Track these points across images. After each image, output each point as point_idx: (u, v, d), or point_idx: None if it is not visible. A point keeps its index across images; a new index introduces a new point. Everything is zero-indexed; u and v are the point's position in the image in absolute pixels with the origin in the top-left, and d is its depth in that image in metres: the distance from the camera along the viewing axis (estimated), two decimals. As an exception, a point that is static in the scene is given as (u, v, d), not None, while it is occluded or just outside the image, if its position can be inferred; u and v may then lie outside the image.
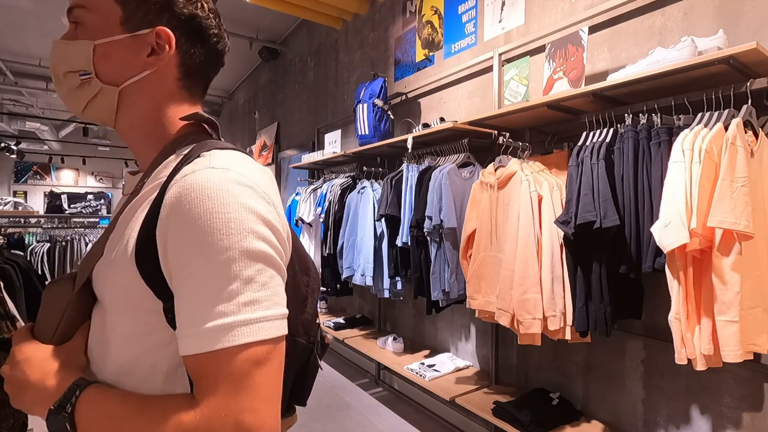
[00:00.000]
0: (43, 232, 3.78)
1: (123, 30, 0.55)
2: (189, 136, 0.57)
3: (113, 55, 0.55)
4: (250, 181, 0.49)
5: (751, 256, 1.20)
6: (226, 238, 0.45)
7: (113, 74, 0.56)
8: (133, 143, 0.61)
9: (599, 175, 1.47)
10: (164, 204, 0.47)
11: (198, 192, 0.45)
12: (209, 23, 0.60)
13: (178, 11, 0.57)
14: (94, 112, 0.58)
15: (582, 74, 1.73)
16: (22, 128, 7.97)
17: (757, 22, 1.44)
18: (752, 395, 1.45)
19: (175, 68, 0.58)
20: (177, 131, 0.59)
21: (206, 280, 0.45)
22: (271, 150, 5.62)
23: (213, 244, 0.44)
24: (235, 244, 0.45)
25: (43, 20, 4.87)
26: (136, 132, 0.60)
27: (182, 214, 0.45)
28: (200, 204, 0.45)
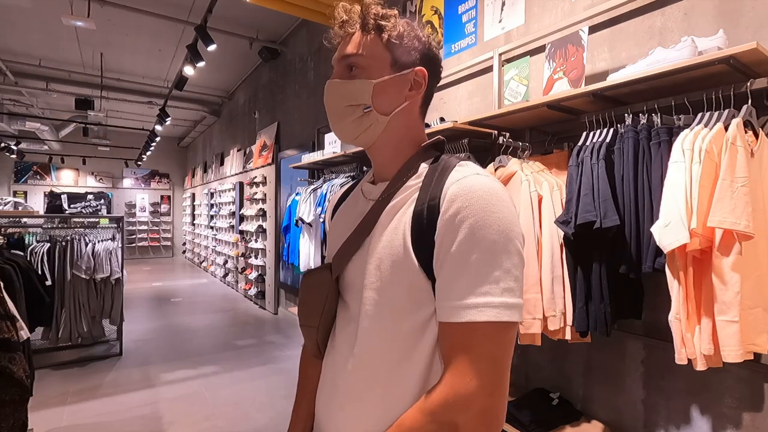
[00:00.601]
0: (43, 232, 3.78)
1: (392, 71, 0.69)
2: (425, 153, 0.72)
3: (386, 91, 0.69)
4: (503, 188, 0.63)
5: (751, 256, 1.20)
6: (502, 234, 0.57)
7: (385, 106, 0.70)
8: (381, 158, 0.74)
9: (599, 175, 1.47)
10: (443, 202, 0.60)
11: (479, 192, 0.59)
12: (440, 59, 0.76)
13: (429, 54, 0.72)
14: (366, 137, 0.72)
15: (582, 74, 1.74)
16: (22, 128, 7.97)
17: (757, 22, 1.44)
18: (752, 395, 1.45)
19: (421, 98, 0.73)
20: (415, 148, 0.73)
21: (481, 264, 0.57)
22: (271, 150, 5.62)
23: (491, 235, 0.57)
24: (507, 239, 0.58)
25: (43, 20, 4.87)
26: (388, 150, 0.73)
27: (466, 210, 0.58)
28: (481, 201, 0.58)
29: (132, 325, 4.72)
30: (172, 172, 12.44)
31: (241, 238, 6.75)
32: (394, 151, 0.72)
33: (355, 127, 0.70)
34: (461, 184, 0.60)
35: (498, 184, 0.61)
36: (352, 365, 0.67)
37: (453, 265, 0.58)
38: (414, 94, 0.71)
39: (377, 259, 0.65)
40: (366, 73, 0.68)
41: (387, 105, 0.69)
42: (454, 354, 0.58)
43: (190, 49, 3.91)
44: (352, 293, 0.69)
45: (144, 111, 8.31)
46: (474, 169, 0.64)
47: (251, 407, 2.87)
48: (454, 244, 0.58)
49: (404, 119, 0.71)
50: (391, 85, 0.69)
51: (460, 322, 0.57)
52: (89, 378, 3.34)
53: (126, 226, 11.09)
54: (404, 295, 0.63)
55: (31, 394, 1.64)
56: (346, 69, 0.70)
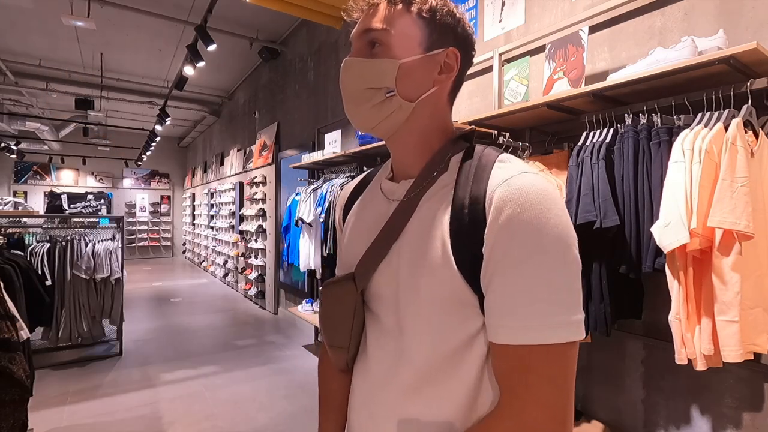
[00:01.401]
0: (43, 232, 3.78)
1: (421, 50, 0.59)
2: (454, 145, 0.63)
3: (412, 73, 0.59)
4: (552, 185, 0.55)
5: (751, 256, 1.20)
6: (562, 242, 0.50)
7: (411, 91, 0.60)
8: (403, 151, 0.65)
9: (599, 175, 1.47)
10: (491, 206, 0.52)
11: (533, 196, 0.50)
12: (474, 40, 0.65)
13: (462, 32, 0.62)
14: (387, 126, 0.62)
15: (582, 74, 1.73)
16: (22, 128, 7.96)
17: (757, 22, 1.44)
18: (752, 395, 1.45)
19: (450, 84, 0.63)
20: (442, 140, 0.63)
21: (541, 278, 0.49)
22: (271, 150, 5.62)
23: (550, 245, 0.49)
24: (567, 246, 0.50)
25: (43, 20, 4.87)
26: (411, 142, 0.64)
27: (519, 217, 0.50)
28: (536, 206, 0.50)
29: (132, 325, 4.72)
30: (172, 172, 12.44)
31: (241, 238, 6.75)
32: (419, 143, 0.63)
33: (375, 114, 0.61)
34: (510, 186, 0.52)
35: (549, 183, 0.54)
36: (394, 385, 0.60)
37: (508, 280, 0.50)
38: (444, 78, 0.61)
39: (411, 269, 0.58)
40: (391, 51, 0.59)
41: (413, 90, 0.60)
42: (515, 380, 0.50)
43: (190, 49, 3.91)
44: (383, 305, 0.62)
45: (144, 111, 8.31)
46: (518, 165, 0.56)
47: (251, 407, 2.87)
48: (507, 257, 0.50)
49: (430, 107, 0.62)
50: (419, 66, 0.59)
51: (520, 345, 0.49)
52: (89, 378, 3.34)
53: (126, 226, 11.10)
54: (448, 309, 0.56)
55: (31, 394, 1.64)
56: (368, 46, 0.60)
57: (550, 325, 0.48)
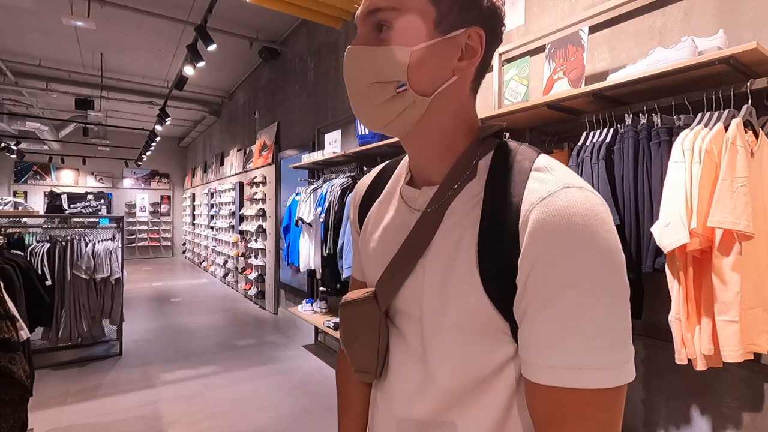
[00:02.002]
0: (43, 232, 3.78)
1: (437, 32, 0.49)
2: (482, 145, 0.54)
3: (427, 62, 0.49)
4: (600, 198, 0.46)
5: (751, 256, 1.20)
6: (610, 269, 0.43)
7: (426, 83, 0.50)
8: (422, 153, 0.56)
9: (599, 175, 1.47)
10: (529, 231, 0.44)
11: (577, 219, 0.42)
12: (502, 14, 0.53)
13: (488, 4, 0.51)
14: (399, 125, 0.53)
15: (582, 74, 1.74)
16: (22, 128, 7.96)
17: (757, 22, 1.44)
18: (752, 395, 1.45)
19: (473, 71, 0.53)
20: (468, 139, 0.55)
21: (585, 313, 0.42)
22: (271, 150, 5.62)
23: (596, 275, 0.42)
24: (614, 275, 0.43)
25: (43, 20, 4.87)
26: (431, 142, 0.55)
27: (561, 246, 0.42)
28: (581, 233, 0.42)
29: (132, 325, 4.72)
30: (172, 172, 12.44)
31: (241, 238, 6.75)
32: (440, 144, 0.54)
33: (385, 112, 0.51)
34: (549, 208, 0.43)
35: (595, 197, 0.45)
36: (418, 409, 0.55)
37: (546, 313, 0.43)
38: (465, 65, 0.51)
39: (435, 290, 0.51)
40: (401, 35, 0.48)
41: (428, 82, 0.50)
42: (555, 426, 0.44)
43: (190, 49, 3.91)
44: (409, 324, 0.56)
45: (144, 111, 8.31)
46: (558, 176, 0.46)
47: (251, 407, 2.87)
48: (546, 289, 0.43)
49: (451, 100, 0.52)
50: (434, 53, 0.49)
51: (557, 387, 0.43)
52: (89, 378, 3.34)
53: (126, 226, 11.10)
54: (474, 335, 0.50)
55: (31, 394, 1.64)
56: (374, 30, 0.50)
57: (594, 366, 0.41)
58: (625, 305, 0.44)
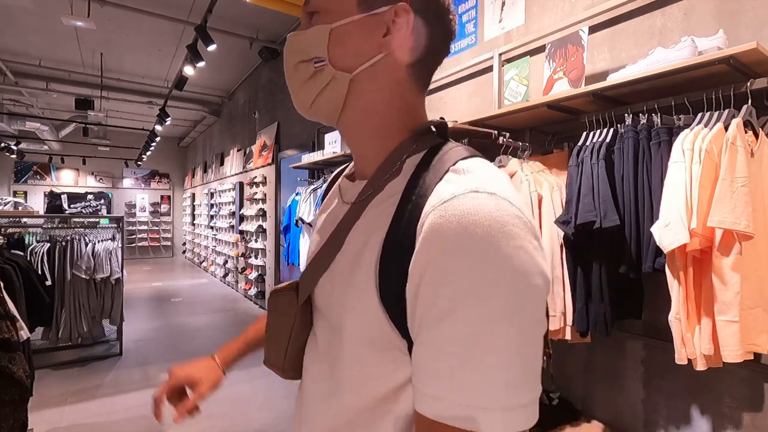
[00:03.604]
0: (43, 232, 3.78)
1: (360, 11, 0.49)
2: (417, 141, 0.51)
3: (348, 37, 0.49)
4: (519, 209, 0.40)
5: (751, 256, 1.20)
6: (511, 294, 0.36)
7: (347, 59, 0.50)
8: (356, 141, 0.55)
9: (599, 175, 1.47)
10: (421, 235, 0.40)
11: (475, 228, 0.37)
12: (446, 3, 0.53)
13: None
14: (323, 105, 0.53)
15: (582, 74, 1.74)
16: (22, 128, 7.96)
17: (757, 22, 1.44)
18: (752, 395, 1.45)
19: (407, 52, 0.50)
20: (404, 134, 0.52)
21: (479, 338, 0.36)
22: (271, 150, 5.62)
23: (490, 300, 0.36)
24: (518, 299, 0.37)
25: (43, 20, 4.87)
26: (360, 127, 0.53)
27: (447, 261, 0.37)
28: (479, 244, 0.37)
29: (132, 325, 4.72)
30: (172, 172, 12.44)
31: (241, 238, 6.75)
32: (374, 132, 0.52)
33: (308, 91, 0.52)
34: (446, 212, 0.39)
35: (510, 208, 0.39)
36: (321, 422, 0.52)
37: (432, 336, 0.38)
38: (390, 41, 0.49)
39: (341, 293, 0.48)
40: (326, 17, 0.50)
41: (349, 58, 0.50)
42: None
43: (190, 49, 3.91)
44: (321, 322, 0.54)
45: (144, 111, 8.31)
46: (475, 178, 0.42)
47: (251, 407, 2.87)
48: (434, 306, 0.38)
49: (381, 81, 0.51)
50: (356, 29, 0.49)
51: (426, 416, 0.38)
52: (89, 378, 3.34)
53: (126, 226, 11.10)
54: (372, 349, 0.45)
55: (31, 394, 1.65)
56: (308, 17, 0.52)
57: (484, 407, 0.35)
58: (531, 340, 0.38)
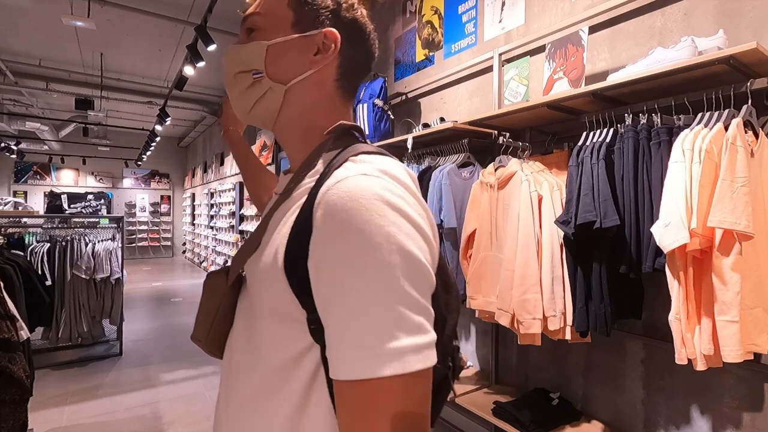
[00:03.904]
0: (43, 232, 3.78)
1: (294, 31, 0.58)
2: (334, 142, 0.58)
3: (284, 54, 0.58)
4: (406, 189, 0.47)
5: (751, 256, 1.20)
6: (389, 255, 0.41)
7: (282, 72, 0.59)
8: (289, 143, 0.63)
9: (599, 175, 1.47)
10: (316, 212, 0.45)
11: (354, 202, 0.43)
12: (367, 28, 0.63)
13: (343, 15, 0.60)
14: (261, 111, 0.61)
15: (582, 74, 1.74)
16: (22, 128, 7.96)
17: (757, 22, 1.44)
18: (752, 395, 1.45)
19: (335, 69, 0.60)
20: (325, 134, 0.59)
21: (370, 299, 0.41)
22: (271, 150, 5.62)
23: (375, 260, 0.41)
24: (398, 260, 0.42)
25: (43, 20, 4.87)
26: (293, 131, 0.62)
27: (338, 226, 0.43)
28: (357, 216, 0.42)
29: (132, 325, 4.72)
30: (172, 172, 12.44)
31: (241, 238, 6.76)
32: (300, 134, 0.61)
33: (247, 99, 0.60)
34: (336, 191, 0.44)
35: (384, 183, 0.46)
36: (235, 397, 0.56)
37: (333, 304, 0.43)
38: (320, 59, 0.58)
39: (255, 272, 0.54)
40: (263, 34, 0.59)
41: (285, 71, 0.58)
42: (351, 421, 0.42)
43: (190, 49, 3.90)
44: (245, 305, 0.59)
45: (144, 111, 8.31)
46: (368, 165, 0.49)
47: (251, 407, 2.87)
48: (327, 276, 0.43)
49: (312, 93, 0.60)
50: (290, 47, 0.58)
51: (352, 380, 0.41)
52: (89, 378, 3.34)
53: (126, 226, 11.10)
54: (277, 321, 0.51)
55: (31, 394, 1.64)
56: (246, 33, 0.60)
57: (385, 354, 0.40)
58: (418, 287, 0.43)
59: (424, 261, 0.45)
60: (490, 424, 1.99)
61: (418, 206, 0.48)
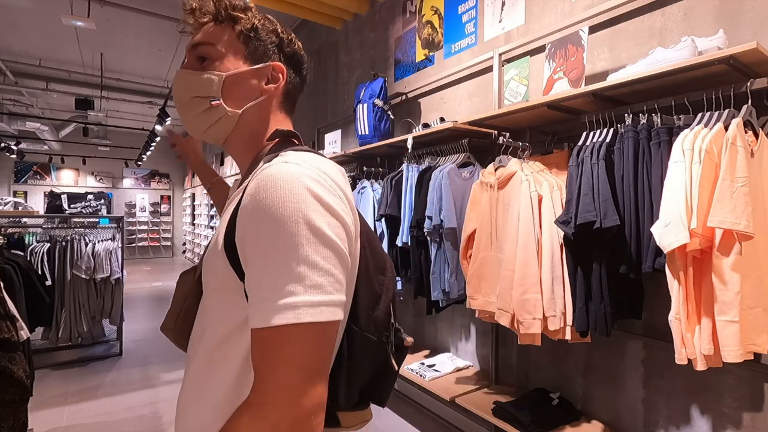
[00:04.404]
0: (43, 232, 3.78)
1: (246, 64, 0.67)
2: (275, 146, 0.67)
3: (238, 84, 0.66)
4: (320, 173, 0.55)
5: (751, 256, 1.20)
6: (295, 225, 0.50)
7: (237, 100, 0.67)
8: (238, 155, 0.72)
9: (599, 175, 1.47)
10: (245, 200, 0.53)
11: (271, 182, 0.51)
12: (304, 58, 0.75)
13: (286, 49, 0.71)
14: (214, 133, 0.69)
15: (582, 74, 1.74)
16: (22, 128, 7.96)
17: (757, 22, 1.44)
18: (752, 395, 1.45)
19: (281, 93, 0.71)
20: (266, 141, 0.69)
21: (276, 261, 0.49)
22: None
23: (283, 229, 0.49)
24: (303, 230, 0.50)
25: (43, 20, 4.87)
26: (242, 146, 0.70)
27: (256, 202, 0.51)
28: (273, 192, 0.51)
29: (132, 325, 4.72)
30: (172, 172, 12.44)
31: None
32: (247, 146, 0.70)
33: (203, 121, 0.67)
34: (261, 174, 0.53)
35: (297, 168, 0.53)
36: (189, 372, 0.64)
37: (251, 265, 0.52)
38: (271, 88, 0.68)
39: (209, 258, 0.62)
40: (216, 64, 0.66)
41: (239, 99, 0.67)
42: (259, 363, 0.50)
43: (190, 49, 3.90)
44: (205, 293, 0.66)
45: (144, 111, 8.31)
46: (290, 156, 0.57)
47: (251, 407, 2.86)
48: (247, 241, 0.52)
49: (260, 114, 0.69)
50: (243, 78, 0.67)
51: (259, 328, 0.49)
52: (89, 378, 3.34)
53: (126, 226, 11.10)
54: (222, 295, 0.59)
55: (31, 394, 1.64)
56: (198, 60, 0.67)
57: (286, 307, 0.48)
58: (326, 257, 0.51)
59: (332, 236, 0.52)
60: (490, 424, 1.99)
61: (335, 193, 0.55)
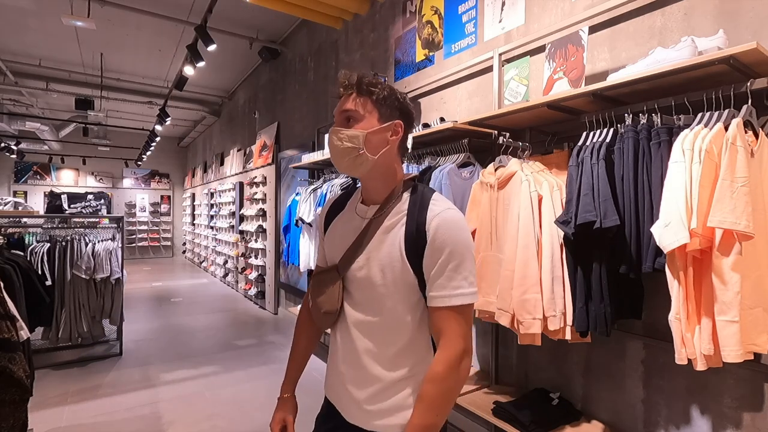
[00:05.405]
0: (43, 232, 3.78)
1: (379, 123, 0.96)
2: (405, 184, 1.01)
3: (374, 138, 0.96)
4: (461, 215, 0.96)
5: (751, 256, 1.20)
6: (467, 249, 0.91)
7: (373, 149, 0.96)
8: (372, 185, 1.01)
9: (599, 175, 1.47)
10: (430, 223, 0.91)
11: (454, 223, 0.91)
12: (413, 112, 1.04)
13: (404, 109, 1.00)
14: (360, 171, 0.98)
15: (582, 74, 1.73)
16: (22, 128, 7.97)
17: (757, 22, 1.44)
18: (752, 395, 1.45)
19: (399, 142, 1.01)
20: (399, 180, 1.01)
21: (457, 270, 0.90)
22: (271, 150, 5.62)
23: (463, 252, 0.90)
24: (469, 251, 0.92)
25: (43, 20, 4.87)
26: (376, 180, 1.00)
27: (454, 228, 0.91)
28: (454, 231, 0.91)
29: (132, 325, 4.72)
30: (172, 172, 12.44)
31: (241, 238, 6.75)
32: (381, 180, 1.00)
33: (352, 163, 0.96)
34: (441, 218, 0.91)
35: (458, 213, 0.94)
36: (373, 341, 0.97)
37: (440, 272, 0.90)
38: (395, 139, 0.98)
39: (380, 264, 0.95)
40: (360, 124, 0.95)
41: (375, 148, 0.96)
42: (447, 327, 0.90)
43: (190, 49, 3.90)
44: (357, 287, 0.99)
45: (144, 111, 8.31)
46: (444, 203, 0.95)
47: (251, 407, 2.87)
48: (440, 260, 0.90)
49: (387, 157, 0.98)
50: (378, 133, 0.96)
51: (448, 306, 0.90)
52: (89, 378, 3.34)
53: (126, 226, 11.09)
54: (404, 288, 0.94)
55: (31, 394, 1.64)
56: (345, 120, 0.96)
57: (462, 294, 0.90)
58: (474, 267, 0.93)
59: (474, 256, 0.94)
60: (490, 424, 1.99)
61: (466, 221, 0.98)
